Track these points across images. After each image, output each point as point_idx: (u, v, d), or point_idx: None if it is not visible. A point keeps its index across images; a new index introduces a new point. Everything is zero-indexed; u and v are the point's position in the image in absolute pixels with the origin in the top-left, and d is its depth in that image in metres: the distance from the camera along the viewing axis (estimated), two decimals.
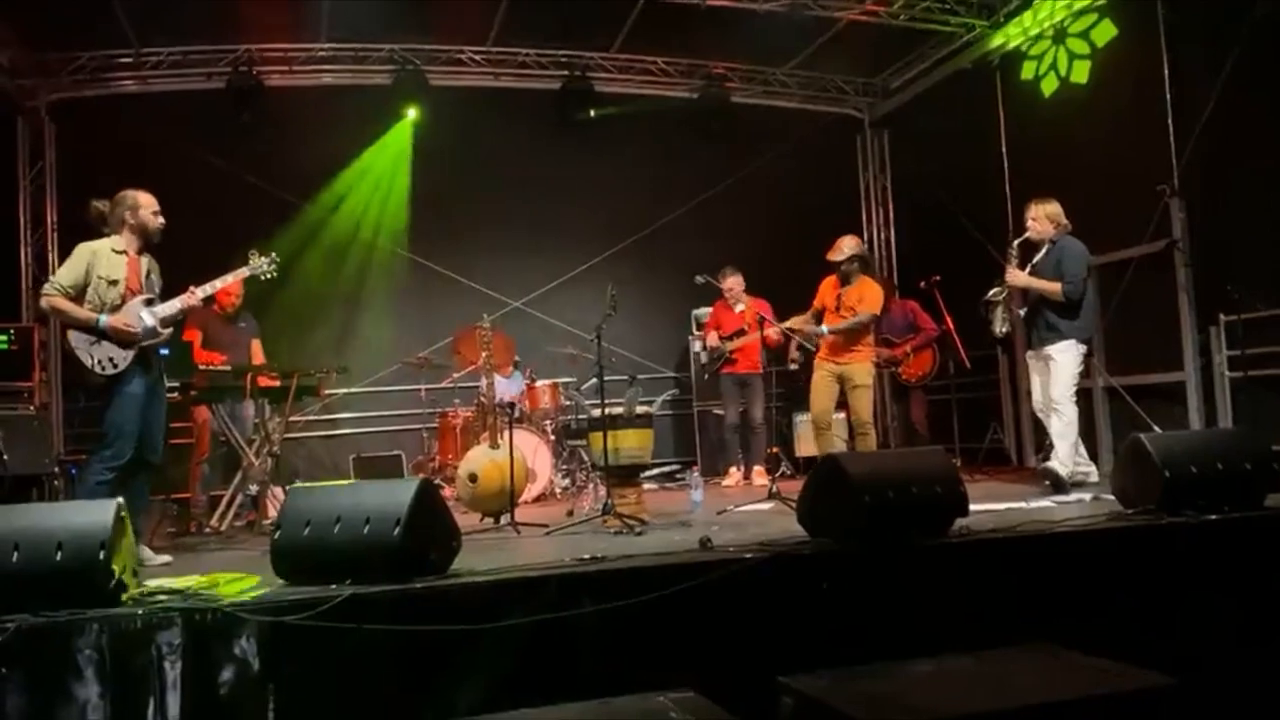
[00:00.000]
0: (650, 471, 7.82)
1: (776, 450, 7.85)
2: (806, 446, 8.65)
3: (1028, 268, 5.97)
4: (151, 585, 3.33)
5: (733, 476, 8.05)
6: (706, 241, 9.25)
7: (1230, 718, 3.42)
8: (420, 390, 8.48)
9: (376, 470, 8.36)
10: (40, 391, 7.42)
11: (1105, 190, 7.27)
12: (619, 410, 5.41)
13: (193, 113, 8.67)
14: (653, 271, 9.55)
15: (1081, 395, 5.95)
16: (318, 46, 8.84)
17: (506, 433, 5.67)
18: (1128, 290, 7.33)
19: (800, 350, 7.62)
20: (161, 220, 4.82)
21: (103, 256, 4.64)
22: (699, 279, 6.98)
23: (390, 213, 9.25)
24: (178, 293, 4.89)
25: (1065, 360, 5.74)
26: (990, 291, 6.14)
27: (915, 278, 8.42)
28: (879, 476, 3.76)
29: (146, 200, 4.78)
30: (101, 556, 3.04)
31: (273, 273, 5.39)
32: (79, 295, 4.56)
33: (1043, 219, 5.93)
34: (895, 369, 8.24)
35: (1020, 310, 6.08)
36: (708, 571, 3.41)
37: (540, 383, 8.08)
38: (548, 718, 2.69)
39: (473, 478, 5.64)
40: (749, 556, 3.56)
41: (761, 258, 8.57)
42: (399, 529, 3.28)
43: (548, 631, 3.21)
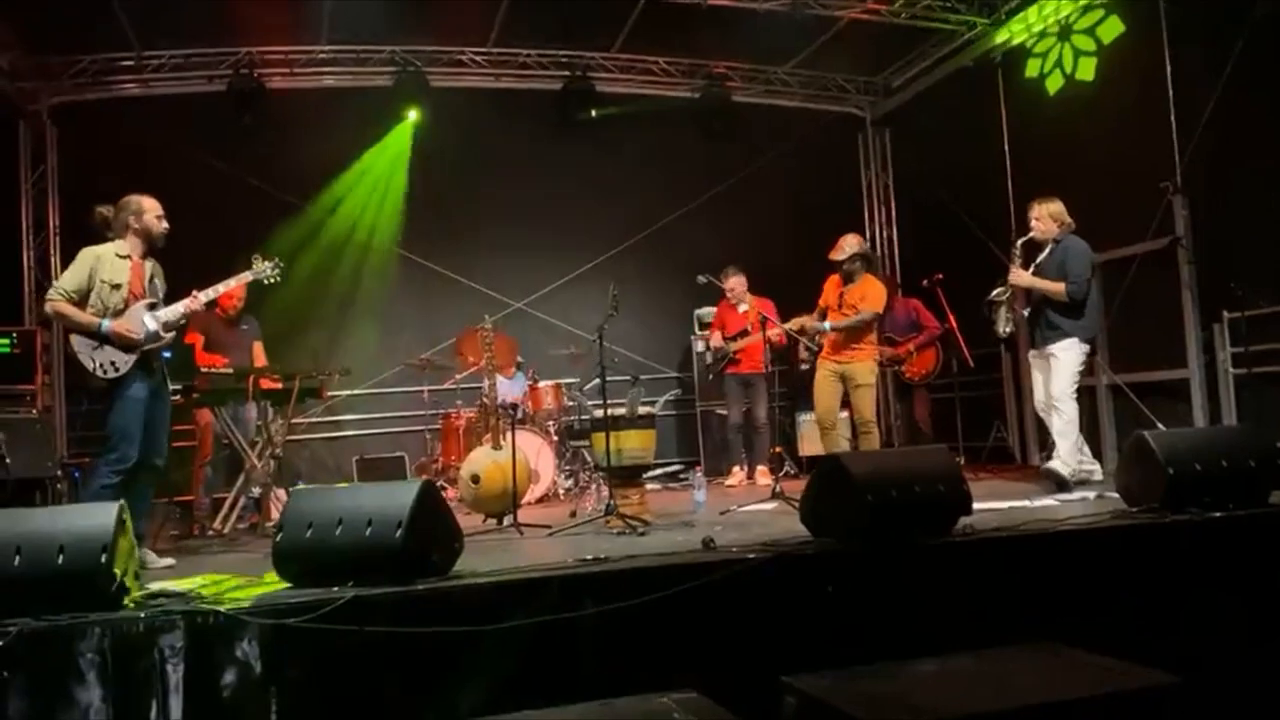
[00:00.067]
0: (653, 472, 7.81)
1: (780, 450, 7.83)
2: (810, 446, 8.63)
3: (1031, 267, 5.95)
4: (154, 588, 3.34)
5: (736, 476, 8.04)
6: (709, 241, 9.25)
7: (1235, 716, 3.41)
8: (423, 392, 8.48)
9: (379, 472, 8.38)
10: (43, 395, 7.42)
11: (1108, 187, 7.24)
12: (621, 411, 5.40)
13: (194, 115, 8.67)
14: (655, 271, 9.55)
15: (1085, 393, 5.94)
16: (319, 49, 8.84)
17: (509, 434, 5.67)
18: (1131, 287, 7.30)
19: (809, 350, 7.61)
20: (166, 225, 4.83)
21: (106, 261, 4.65)
22: (701, 279, 6.97)
23: (392, 214, 9.23)
24: (180, 296, 4.89)
25: (1067, 358, 5.72)
26: (993, 292, 6.12)
27: (918, 276, 8.42)
28: (882, 476, 3.75)
29: (151, 205, 4.79)
30: (103, 560, 3.04)
31: (277, 278, 5.39)
32: (82, 300, 4.58)
33: (1046, 218, 5.89)
34: (898, 367, 8.23)
35: (1024, 310, 6.06)
36: (711, 572, 3.40)
37: (543, 383, 8.08)
38: (550, 719, 2.68)
39: (475, 479, 5.64)
40: (752, 556, 3.55)
41: (764, 257, 8.56)
42: (401, 531, 3.28)
43: (550, 633, 3.21)
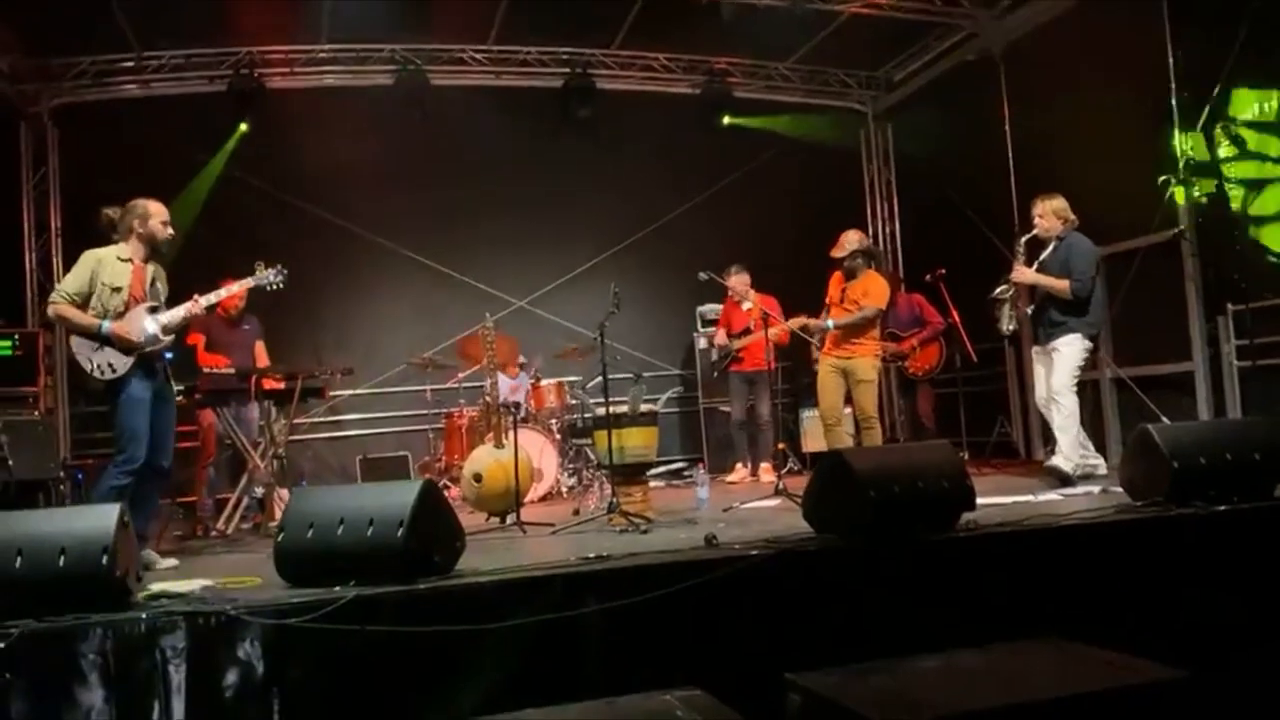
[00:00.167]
0: (657, 469, 7.80)
1: (783, 446, 7.81)
2: (813, 442, 8.62)
3: (1035, 264, 5.91)
4: (155, 589, 3.34)
5: (739, 473, 8.03)
6: (711, 238, 9.24)
7: (1241, 710, 3.39)
8: (426, 391, 8.47)
9: (383, 471, 8.38)
10: (46, 397, 7.43)
11: (1111, 180, 7.22)
12: (623, 409, 5.39)
13: (194, 116, 8.67)
14: (657, 269, 9.52)
15: (1090, 386, 5.92)
16: (319, 48, 8.83)
17: (511, 432, 5.66)
18: (1135, 281, 7.27)
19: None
20: (170, 231, 4.83)
21: (107, 264, 4.65)
22: (702, 276, 6.94)
23: (392, 213, 9.22)
24: (181, 297, 4.89)
25: (1069, 352, 5.69)
26: (997, 289, 6.07)
27: (921, 271, 8.39)
28: (885, 471, 3.74)
29: (157, 210, 4.78)
30: (105, 562, 3.04)
31: (280, 284, 5.34)
32: (84, 302, 4.58)
33: (1049, 215, 5.85)
34: (902, 363, 8.21)
35: (1028, 307, 6.03)
36: (713, 569, 3.39)
37: (545, 382, 8.07)
38: (553, 718, 2.67)
39: (478, 477, 5.63)
40: (754, 553, 3.54)
41: (767, 253, 8.55)
42: (403, 530, 3.28)
43: (553, 631, 3.20)
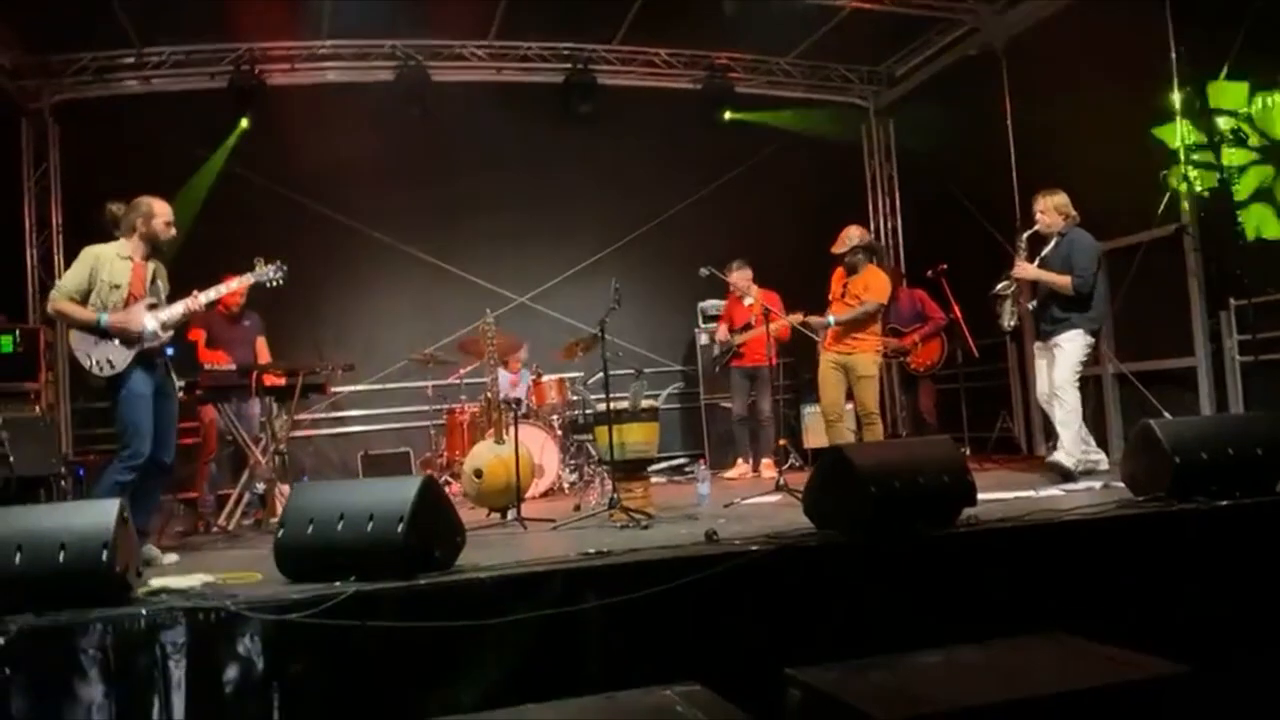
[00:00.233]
0: (658, 465, 7.80)
1: (785, 442, 7.80)
2: (815, 438, 8.61)
3: (1036, 260, 5.89)
4: (156, 584, 3.34)
5: (740, 469, 8.02)
6: (713, 233, 9.23)
7: (1243, 706, 3.38)
8: (427, 387, 8.46)
9: (385, 467, 8.38)
10: (47, 392, 7.43)
11: (1114, 176, 7.20)
12: (624, 405, 5.38)
13: (195, 112, 8.66)
14: (659, 264, 9.51)
15: (1092, 382, 5.91)
16: (319, 44, 8.81)
17: (512, 428, 5.65)
18: (1137, 276, 7.25)
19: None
20: (173, 232, 4.83)
21: (106, 261, 4.64)
22: (703, 271, 6.93)
23: (393, 209, 9.20)
24: (182, 294, 4.88)
25: (1071, 348, 5.67)
26: (998, 285, 6.05)
27: (922, 267, 8.37)
28: (885, 467, 3.73)
29: (162, 209, 4.78)
30: (104, 557, 3.04)
31: (279, 280, 5.34)
32: (83, 299, 4.58)
33: (1051, 211, 5.83)
34: (904, 358, 8.20)
35: (1029, 303, 6.02)
36: (713, 564, 3.39)
37: (547, 378, 8.06)
38: (554, 713, 2.67)
39: (478, 473, 5.62)
40: (755, 549, 3.54)
41: (769, 249, 8.52)
42: (402, 526, 3.28)
43: (553, 626, 3.19)
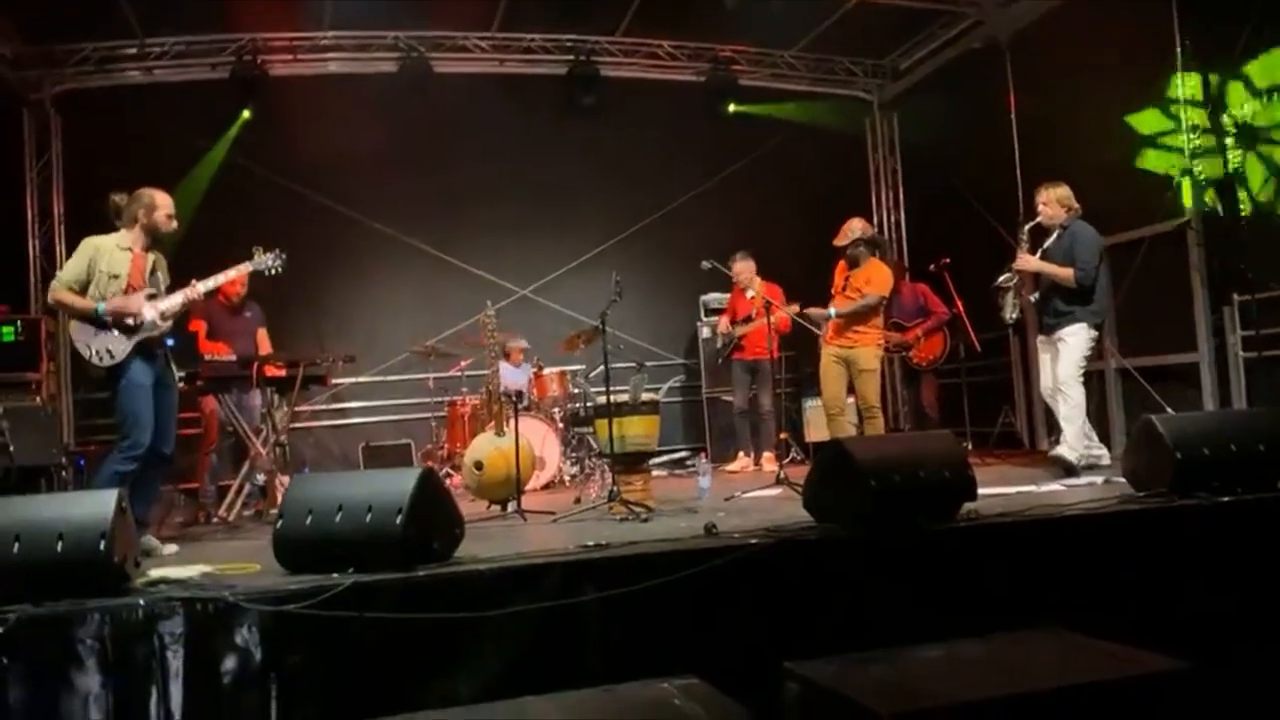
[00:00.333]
0: (660, 458, 7.79)
1: (786, 436, 7.79)
2: (816, 432, 8.60)
3: (1039, 252, 5.88)
4: (154, 575, 3.34)
5: (741, 462, 8.01)
6: (715, 226, 9.20)
7: (1244, 702, 3.37)
8: (429, 379, 8.47)
9: (386, 459, 8.40)
10: (48, 382, 7.42)
11: (1117, 170, 7.17)
12: (624, 397, 5.37)
13: (197, 103, 8.64)
14: (661, 257, 9.49)
15: (1094, 377, 5.89)
16: (321, 35, 8.80)
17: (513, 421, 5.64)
18: (1140, 271, 7.22)
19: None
20: (174, 224, 4.83)
21: (105, 251, 4.64)
22: (705, 264, 6.92)
23: (395, 200, 9.18)
24: (182, 285, 4.87)
25: (1075, 342, 5.66)
26: (1000, 277, 6.04)
27: (925, 261, 8.35)
28: (885, 461, 3.71)
29: (163, 202, 4.77)
30: (102, 547, 3.04)
31: (279, 269, 5.32)
32: (82, 290, 4.58)
33: (1053, 203, 5.82)
34: (906, 353, 8.18)
35: (1031, 296, 6.00)
36: (712, 558, 3.38)
37: (548, 370, 8.05)
38: (552, 705, 2.67)
39: (479, 465, 5.63)
40: (754, 542, 3.53)
41: (772, 241, 8.50)
42: (401, 517, 3.27)
43: (552, 619, 3.19)
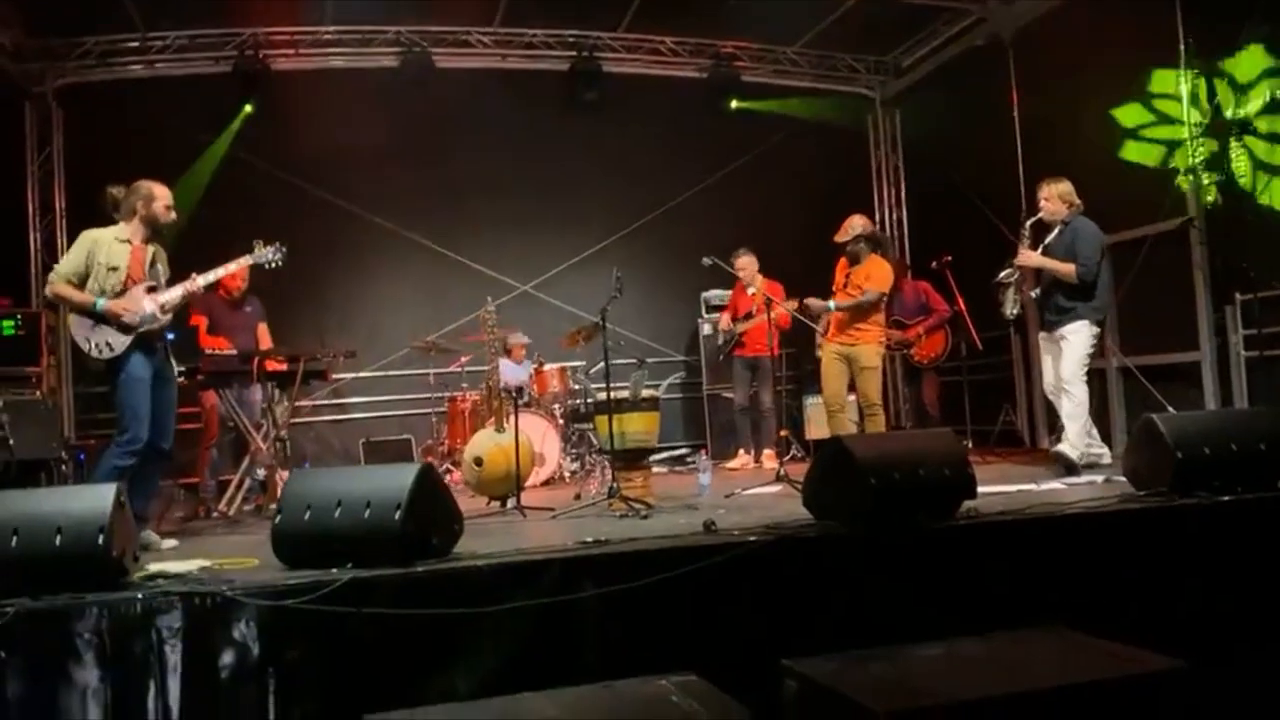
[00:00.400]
0: (660, 455, 7.78)
1: (786, 433, 7.78)
2: (817, 429, 8.59)
3: (1040, 248, 5.87)
4: (153, 569, 3.33)
5: (741, 459, 8.01)
6: (718, 222, 9.19)
7: (1243, 701, 3.37)
8: (429, 375, 8.46)
9: (386, 454, 8.39)
10: (48, 376, 7.41)
11: (1119, 168, 7.15)
12: (624, 394, 5.37)
13: (199, 97, 8.64)
14: (663, 253, 9.46)
15: (1095, 375, 5.88)
16: (323, 29, 8.78)
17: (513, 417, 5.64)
18: (1142, 269, 7.20)
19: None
20: (173, 215, 4.82)
21: (104, 244, 4.63)
22: (706, 260, 6.91)
23: (397, 196, 9.17)
24: (182, 279, 4.87)
25: (1077, 340, 5.65)
26: (1001, 273, 6.03)
27: (927, 258, 8.34)
28: (885, 459, 3.71)
29: (161, 193, 4.77)
30: (101, 541, 3.04)
31: (278, 262, 5.32)
32: (81, 282, 4.58)
33: (1055, 199, 5.81)
34: (907, 351, 8.17)
35: (1033, 292, 5.99)
36: (711, 555, 3.37)
37: (548, 366, 8.05)
38: (550, 702, 2.66)
39: (478, 461, 5.62)
40: (753, 539, 3.52)
41: (774, 237, 8.49)
42: (400, 513, 3.27)
43: (550, 615, 3.19)
